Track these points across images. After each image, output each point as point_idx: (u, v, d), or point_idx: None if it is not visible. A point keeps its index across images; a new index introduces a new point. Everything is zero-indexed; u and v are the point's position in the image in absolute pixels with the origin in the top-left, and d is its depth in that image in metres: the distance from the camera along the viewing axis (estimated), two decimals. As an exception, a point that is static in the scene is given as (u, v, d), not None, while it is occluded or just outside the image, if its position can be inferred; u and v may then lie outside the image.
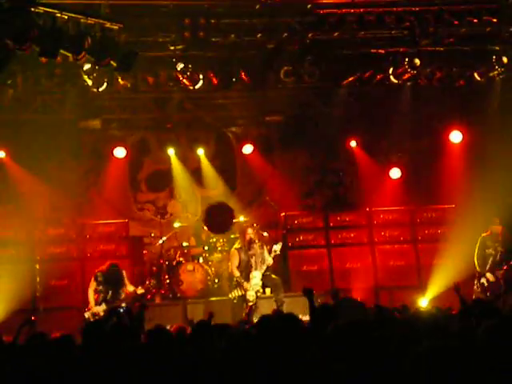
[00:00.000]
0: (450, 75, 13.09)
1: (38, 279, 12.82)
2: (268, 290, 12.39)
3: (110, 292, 11.46)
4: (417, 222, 13.90)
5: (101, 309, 11.32)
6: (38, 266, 12.89)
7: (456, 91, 13.83)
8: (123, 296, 11.50)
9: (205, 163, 14.82)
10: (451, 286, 8.34)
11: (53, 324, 11.45)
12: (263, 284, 12.00)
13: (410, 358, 3.41)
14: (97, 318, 11.18)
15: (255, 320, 9.83)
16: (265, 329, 6.12)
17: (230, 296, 12.00)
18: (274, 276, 12.28)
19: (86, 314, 11.28)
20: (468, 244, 12.06)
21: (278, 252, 12.01)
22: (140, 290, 11.62)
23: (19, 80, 11.91)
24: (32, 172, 13.72)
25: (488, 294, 11.90)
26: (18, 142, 13.37)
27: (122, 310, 6.92)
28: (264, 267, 11.92)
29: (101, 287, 11.49)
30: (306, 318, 7.59)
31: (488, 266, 12.00)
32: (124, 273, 11.78)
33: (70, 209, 13.94)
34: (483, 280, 12.01)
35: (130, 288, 11.60)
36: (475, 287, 12.00)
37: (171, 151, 14.50)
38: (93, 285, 11.55)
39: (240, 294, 11.89)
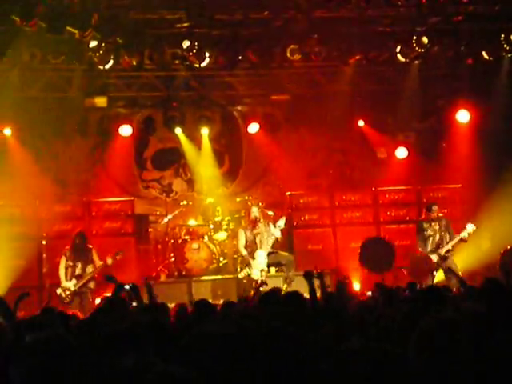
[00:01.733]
0: (457, 54, 12.99)
1: (44, 256, 12.87)
2: (273, 269, 12.41)
3: (80, 266, 11.62)
4: (423, 201, 13.84)
5: (71, 284, 11.52)
6: (44, 243, 12.93)
7: (464, 70, 13.75)
8: (92, 270, 11.61)
9: (206, 143, 14.77)
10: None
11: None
12: (270, 262, 12.01)
13: (417, 332, 3.41)
14: (68, 292, 11.44)
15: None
16: (267, 305, 6.16)
17: (239, 276, 12.00)
18: (285, 253, 12.30)
19: (58, 291, 11.48)
20: (475, 224, 11.98)
21: (283, 227, 11.98)
22: (109, 260, 11.60)
23: (25, 58, 11.87)
24: (38, 149, 13.76)
25: None
26: (24, 119, 13.35)
27: (128, 287, 6.89)
28: (270, 245, 11.91)
29: (70, 262, 11.64)
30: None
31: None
32: (91, 247, 11.88)
33: (76, 186, 13.97)
34: None
35: (99, 262, 11.67)
36: None
37: (178, 130, 14.47)
38: (63, 261, 11.70)
39: (248, 273, 11.92)
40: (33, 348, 3.45)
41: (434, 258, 11.72)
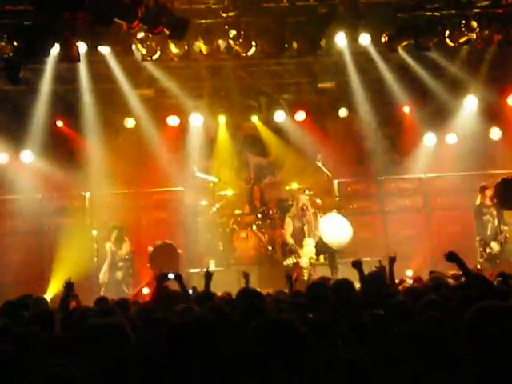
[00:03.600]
0: (507, 38, 12.72)
1: (95, 246, 13.04)
2: (322, 257, 12.40)
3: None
4: (474, 188, 13.63)
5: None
6: (94, 234, 13.09)
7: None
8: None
9: (261, 130, 14.81)
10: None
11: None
12: (318, 251, 12.01)
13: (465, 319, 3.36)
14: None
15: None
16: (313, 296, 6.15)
17: (284, 263, 12.05)
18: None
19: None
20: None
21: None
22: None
23: (74, 50, 11.98)
24: (88, 140, 13.94)
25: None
26: (73, 111, 13.54)
27: (171, 277, 6.98)
28: (318, 233, 11.91)
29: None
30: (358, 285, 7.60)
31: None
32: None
33: (125, 177, 14.11)
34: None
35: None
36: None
37: (222, 119, 14.51)
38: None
39: (294, 261, 11.94)
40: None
41: (494, 246, 11.64)
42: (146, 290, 11.66)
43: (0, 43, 11.18)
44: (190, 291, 7.94)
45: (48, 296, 11.16)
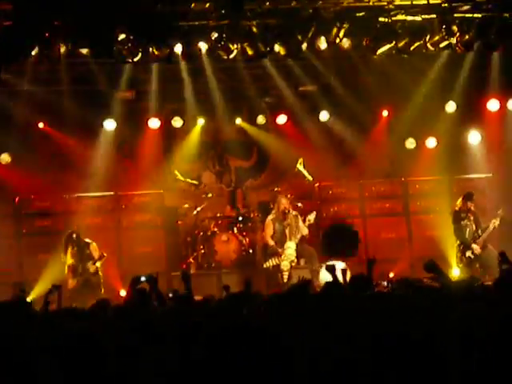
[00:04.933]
0: (487, 42, 12.82)
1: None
2: (302, 261, 12.41)
3: (80, 265, 11.63)
4: (453, 191, 13.72)
5: (73, 282, 11.51)
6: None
7: (494, 59, 13.58)
8: (93, 268, 11.64)
9: (242, 133, 14.83)
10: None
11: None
12: (298, 254, 12.02)
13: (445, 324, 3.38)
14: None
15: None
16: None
17: (264, 265, 12.06)
18: (308, 246, 12.30)
19: None
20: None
21: (312, 221, 12.03)
22: (92, 267, 11.67)
23: (55, 51, 11.91)
24: (67, 143, 13.88)
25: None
26: (54, 113, 13.48)
27: (143, 279, 6.94)
28: (298, 237, 11.94)
29: (73, 261, 11.64)
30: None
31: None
32: (90, 243, 11.85)
33: (105, 180, 14.04)
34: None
35: (91, 266, 11.70)
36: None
37: (201, 121, 14.51)
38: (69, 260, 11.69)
39: (275, 263, 11.95)
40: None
41: (476, 247, 11.73)
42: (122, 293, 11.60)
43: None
44: (170, 294, 7.87)
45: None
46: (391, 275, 11.86)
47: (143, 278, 6.93)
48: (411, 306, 4.65)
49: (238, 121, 14.70)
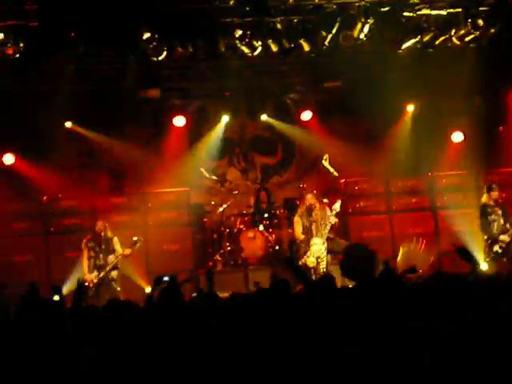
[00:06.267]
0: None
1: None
2: (328, 257, 12.33)
3: (101, 256, 11.45)
4: (480, 186, 13.58)
5: (94, 275, 11.33)
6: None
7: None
8: (114, 259, 11.42)
9: (267, 130, 14.84)
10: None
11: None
12: (329, 249, 11.92)
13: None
14: (91, 285, 11.17)
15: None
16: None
17: (300, 263, 11.98)
18: (340, 240, 12.24)
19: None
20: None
21: (338, 210, 11.87)
22: (127, 251, 11.40)
23: (81, 51, 12.00)
24: (94, 142, 13.99)
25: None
26: (80, 112, 13.56)
27: (166, 279, 6.95)
28: (326, 231, 11.83)
29: (92, 253, 11.45)
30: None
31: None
32: (113, 237, 11.64)
33: (132, 178, 14.12)
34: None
35: (125, 251, 11.41)
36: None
37: (227, 118, 14.53)
38: (85, 253, 11.51)
39: (304, 261, 11.89)
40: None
41: (504, 238, 11.63)
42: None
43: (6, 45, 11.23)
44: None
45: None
46: (420, 271, 11.76)
47: (166, 278, 6.96)
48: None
49: (264, 117, 14.70)
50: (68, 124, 13.88)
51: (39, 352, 4.27)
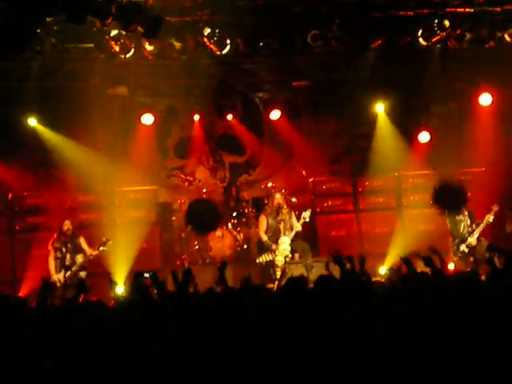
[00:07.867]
0: (479, 37, 12.85)
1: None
2: (296, 256, 12.41)
3: (68, 256, 11.39)
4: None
5: (61, 275, 11.26)
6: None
7: (486, 53, 13.60)
8: (82, 259, 11.37)
9: (235, 128, 14.84)
10: None
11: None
12: (292, 249, 12.03)
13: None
14: (58, 285, 11.05)
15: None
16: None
17: (257, 261, 12.05)
18: (301, 242, 12.30)
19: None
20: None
21: (307, 219, 11.97)
22: (95, 251, 11.35)
23: (47, 47, 11.89)
24: (60, 140, 13.85)
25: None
26: (46, 109, 13.43)
27: (147, 275, 6.93)
28: (293, 233, 11.93)
29: (58, 253, 11.39)
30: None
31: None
32: (80, 236, 11.63)
33: (99, 176, 14.01)
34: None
35: (89, 251, 11.39)
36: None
37: (196, 117, 14.51)
38: (51, 254, 11.46)
39: (269, 258, 11.95)
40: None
41: (471, 241, 11.72)
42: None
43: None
44: None
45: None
46: (383, 271, 11.87)
47: (146, 275, 6.92)
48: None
49: (230, 117, 14.70)
50: (32, 122, 13.68)
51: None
